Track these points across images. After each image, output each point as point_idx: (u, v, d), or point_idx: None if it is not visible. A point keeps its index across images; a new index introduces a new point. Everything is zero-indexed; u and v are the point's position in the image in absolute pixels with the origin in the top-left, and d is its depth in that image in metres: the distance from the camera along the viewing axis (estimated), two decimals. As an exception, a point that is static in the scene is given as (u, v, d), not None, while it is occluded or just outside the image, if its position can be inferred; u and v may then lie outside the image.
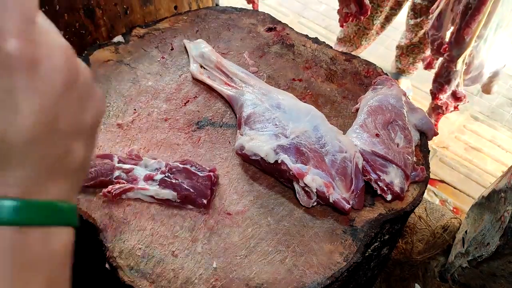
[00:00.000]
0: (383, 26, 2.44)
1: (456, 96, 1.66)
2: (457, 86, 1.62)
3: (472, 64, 1.54)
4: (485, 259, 1.27)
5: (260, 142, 1.00)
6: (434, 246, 1.51)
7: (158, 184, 0.97)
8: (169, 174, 0.99)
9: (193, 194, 0.97)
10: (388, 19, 2.39)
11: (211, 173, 1.00)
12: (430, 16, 1.63)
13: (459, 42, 1.43)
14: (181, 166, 1.00)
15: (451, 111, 1.75)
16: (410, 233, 1.55)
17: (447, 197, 2.24)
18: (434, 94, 1.67)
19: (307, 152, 1.00)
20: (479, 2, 1.30)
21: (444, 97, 1.66)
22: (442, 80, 1.60)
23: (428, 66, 1.80)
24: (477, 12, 1.33)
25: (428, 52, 1.93)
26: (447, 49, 1.48)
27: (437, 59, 1.72)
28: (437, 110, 1.76)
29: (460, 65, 1.52)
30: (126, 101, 1.16)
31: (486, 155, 2.51)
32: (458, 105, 1.72)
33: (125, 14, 1.42)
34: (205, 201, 0.96)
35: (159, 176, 0.98)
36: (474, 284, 1.42)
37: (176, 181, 0.98)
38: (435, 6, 1.60)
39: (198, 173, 0.99)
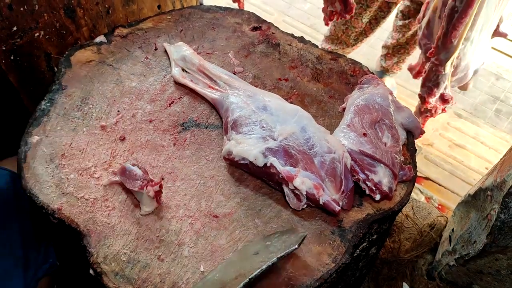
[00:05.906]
0: (371, 27, 2.42)
1: (444, 99, 1.65)
2: (445, 88, 1.62)
3: (460, 65, 1.54)
4: (472, 257, 1.27)
5: (248, 146, 0.99)
6: (422, 245, 1.51)
7: None
8: None
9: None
10: (377, 20, 2.37)
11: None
12: (419, 25, 1.61)
13: (446, 46, 1.42)
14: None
15: (439, 113, 1.74)
16: (398, 232, 1.55)
17: (432, 194, 2.25)
18: (424, 98, 1.66)
19: (296, 154, 0.98)
20: (466, 5, 1.30)
21: (433, 100, 1.65)
22: (431, 84, 1.59)
23: (418, 75, 1.77)
24: (464, 15, 1.32)
25: (413, 55, 1.88)
26: (434, 53, 1.47)
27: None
28: (425, 113, 1.76)
29: (448, 68, 1.52)
30: (109, 102, 1.14)
31: (470, 152, 2.53)
32: (445, 107, 1.72)
33: (107, 14, 1.40)
34: None
35: None
36: (461, 282, 1.43)
37: None
38: (421, 15, 1.59)
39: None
